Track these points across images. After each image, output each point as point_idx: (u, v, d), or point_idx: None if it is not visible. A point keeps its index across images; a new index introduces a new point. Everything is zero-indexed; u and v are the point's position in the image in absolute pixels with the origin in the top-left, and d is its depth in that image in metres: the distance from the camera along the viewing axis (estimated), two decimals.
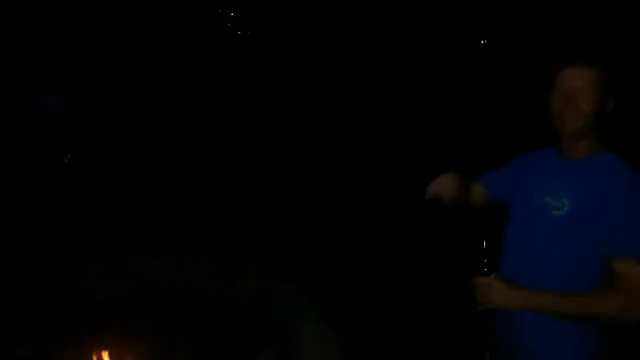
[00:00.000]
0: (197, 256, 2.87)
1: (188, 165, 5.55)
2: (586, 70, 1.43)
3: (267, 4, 6.68)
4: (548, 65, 1.52)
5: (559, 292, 1.38)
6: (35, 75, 5.25)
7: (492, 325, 1.56)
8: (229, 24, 6.41)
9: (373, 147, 6.66)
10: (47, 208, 4.10)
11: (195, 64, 6.48)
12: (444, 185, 1.79)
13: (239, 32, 6.43)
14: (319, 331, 2.04)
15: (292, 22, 6.77)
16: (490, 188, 1.80)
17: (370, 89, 7.09)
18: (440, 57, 6.66)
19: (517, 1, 5.39)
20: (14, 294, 2.28)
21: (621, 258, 1.32)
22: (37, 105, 5.10)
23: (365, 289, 2.77)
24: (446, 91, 6.58)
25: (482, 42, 5.87)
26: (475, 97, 6.33)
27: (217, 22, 6.47)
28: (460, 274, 1.58)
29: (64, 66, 5.60)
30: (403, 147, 6.54)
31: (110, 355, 2.13)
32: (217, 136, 6.46)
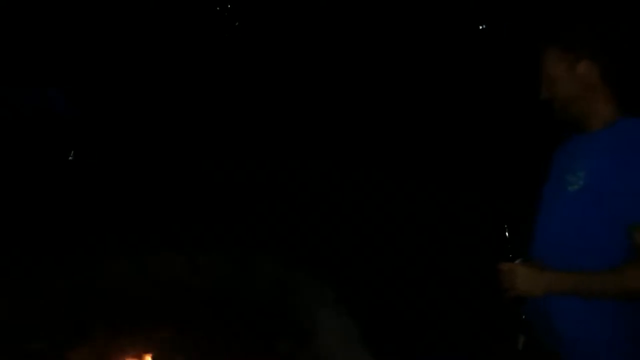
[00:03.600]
0: (210, 250, 2.86)
1: (198, 164, 5.55)
2: (545, 55, 1.43)
3: (268, 6, 6.65)
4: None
5: (583, 272, 1.33)
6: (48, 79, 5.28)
7: (526, 309, 1.51)
8: (229, 26, 6.38)
9: (373, 144, 6.63)
10: (61, 207, 4.11)
11: (198, 66, 6.45)
12: None
13: (240, 35, 6.40)
14: (337, 318, 2.00)
15: (291, 23, 6.74)
16: None
17: (369, 89, 7.05)
18: (441, 57, 6.61)
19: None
20: (28, 292, 2.26)
21: None
22: (52, 108, 5.14)
23: (386, 272, 2.68)
24: (446, 91, 6.53)
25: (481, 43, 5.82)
26: (475, 97, 6.31)
27: (218, 25, 6.45)
28: (488, 258, 1.52)
29: (73, 71, 5.62)
30: (402, 146, 6.51)
31: (128, 350, 2.10)
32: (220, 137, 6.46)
